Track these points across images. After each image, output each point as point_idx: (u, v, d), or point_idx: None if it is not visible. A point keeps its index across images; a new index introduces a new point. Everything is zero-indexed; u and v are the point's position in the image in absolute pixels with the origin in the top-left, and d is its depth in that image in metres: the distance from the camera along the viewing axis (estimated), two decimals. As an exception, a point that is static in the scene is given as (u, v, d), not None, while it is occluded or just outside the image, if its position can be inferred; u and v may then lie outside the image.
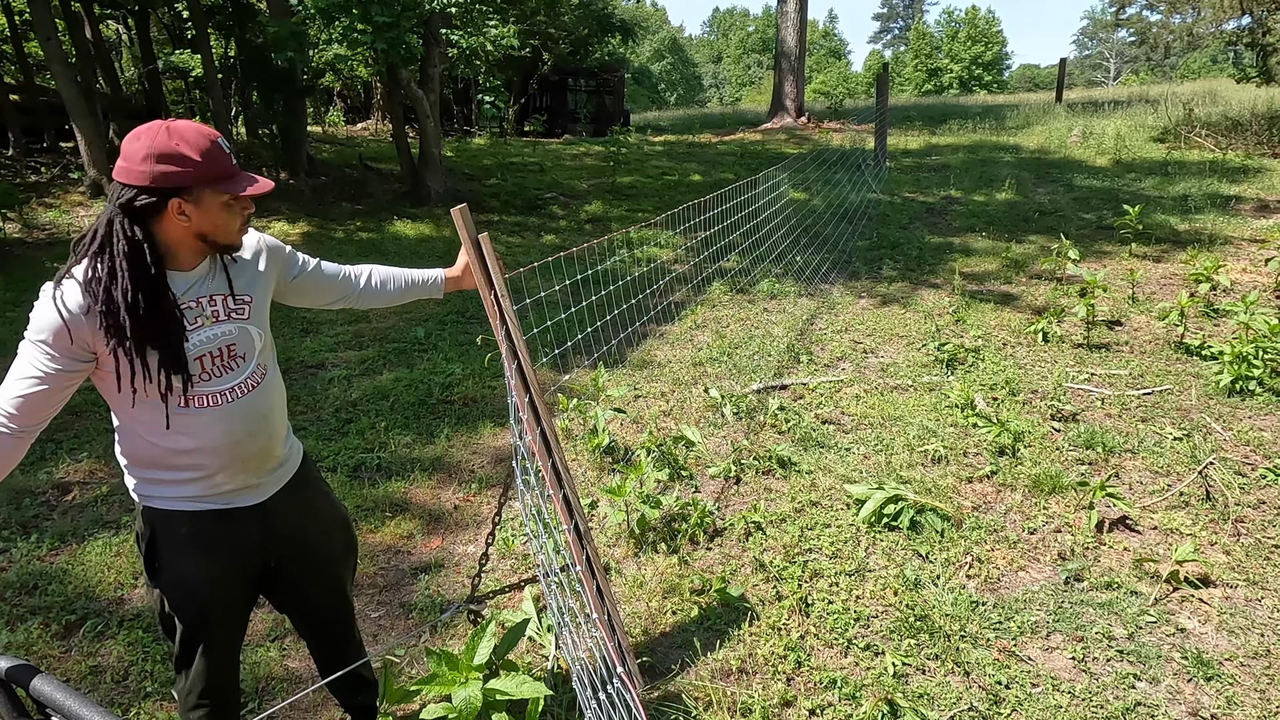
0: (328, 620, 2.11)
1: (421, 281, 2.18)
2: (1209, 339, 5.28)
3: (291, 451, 1.94)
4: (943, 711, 2.48)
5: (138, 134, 1.53)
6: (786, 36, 20.58)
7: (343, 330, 6.44)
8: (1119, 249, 7.89)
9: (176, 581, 1.77)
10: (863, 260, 8.15)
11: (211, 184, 1.56)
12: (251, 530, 1.82)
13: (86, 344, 1.54)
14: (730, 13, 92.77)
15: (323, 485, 2.07)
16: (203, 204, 1.57)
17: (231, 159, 1.59)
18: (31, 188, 10.60)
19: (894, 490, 3.52)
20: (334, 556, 2.07)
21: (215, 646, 1.86)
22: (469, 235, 2.01)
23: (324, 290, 2.04)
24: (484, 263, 2.05)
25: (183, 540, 1.74)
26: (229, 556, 1.80)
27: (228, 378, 1.70)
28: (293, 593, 2.01)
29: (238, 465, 1.74)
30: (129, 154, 1.52)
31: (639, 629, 2.88)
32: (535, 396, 2.14)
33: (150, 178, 1.50)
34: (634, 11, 54.10)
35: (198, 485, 1.72)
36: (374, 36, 9.38)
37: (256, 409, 1.76)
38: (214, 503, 1.75)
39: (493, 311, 2.07)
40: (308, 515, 1.96)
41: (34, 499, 3.87)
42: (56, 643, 2.88)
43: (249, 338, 1.75)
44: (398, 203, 11.93)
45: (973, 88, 64.82)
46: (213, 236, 1.62)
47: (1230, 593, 2.99)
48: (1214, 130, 13.99)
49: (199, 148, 1.53)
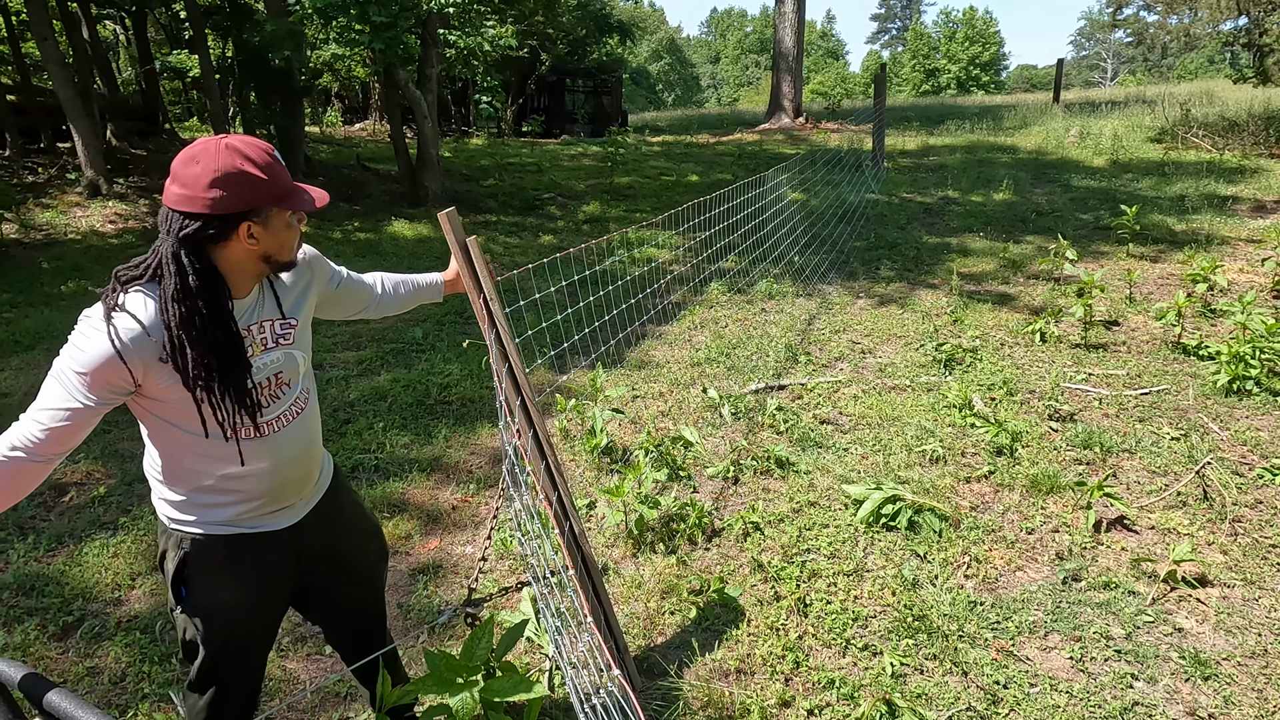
0: (365, 629, 2.10)
1: (424, 285, 2.19)
2: (1206, 339, 5.29)
3: (325, 469, 1.91)
4: (941, 711, 2.48)
5: (194, 156, 1.41)
6: (784, 37, 20.59)
7: (340, 331, 6.43)
8: (1116, 249, 7.90)
9: (205, 610, 1.69)
10: (860, 261, 8.16)
11: (279, 202, 1.48)
12: (285, 551, 1.77)
13: (132, 380, 1.44)
14: (728, 13, 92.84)
15: (353, 496, 2.05)
16: (271, 224, 1.49)
17: (286, 171, 1.52)
18: (28, 188, 10.58)
19: (892, 490, 3.52)
20: (369, 566, 2.05)
21: (241, 668, 1.80)
22: (457, 239, 2.01)
23: (355, 299, 2.00)
24: (473, 266, 2.05)
25: (216, 566, 1.67)
26: (261, 582, 1.74)
27: (275, 406, 1.65)
28: (328, 606, 1.99)
29: (280, 490, 1.70)
30: (188, 179, 1.40)
31: (637, 630, 2.88)
32: (527, 399, 2.14)
33: (218, 204, 1.40)
34: (632, 12, 54.16)
35: (235, 509, 1.66)
36: (371, 37, 9.38)
37: (305, 434, 1.73)
38: (248, 526, 1.69)
39: (482, 315, 2.07)
40: (340, 530, 1.92)
41: (31, 500, 3.86)
42: (54, 644, 2.87)
43: (294, 363, 1.69)
44: (395, 203, 11.93)
45: (970, 88, 64.91)
46: (276, 256, 1.55)
47: (1228, 592, 2.99)
48: (1211, 131, 14.01)
49: (263, 164, 1.44)
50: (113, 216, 10.10)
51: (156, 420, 1.55)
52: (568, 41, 25.12)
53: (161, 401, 1.51)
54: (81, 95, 10.62)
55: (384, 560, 2.12)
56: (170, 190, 1.43)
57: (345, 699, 2.62)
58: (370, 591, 2.08)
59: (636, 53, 58.41)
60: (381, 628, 2.17)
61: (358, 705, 2.58)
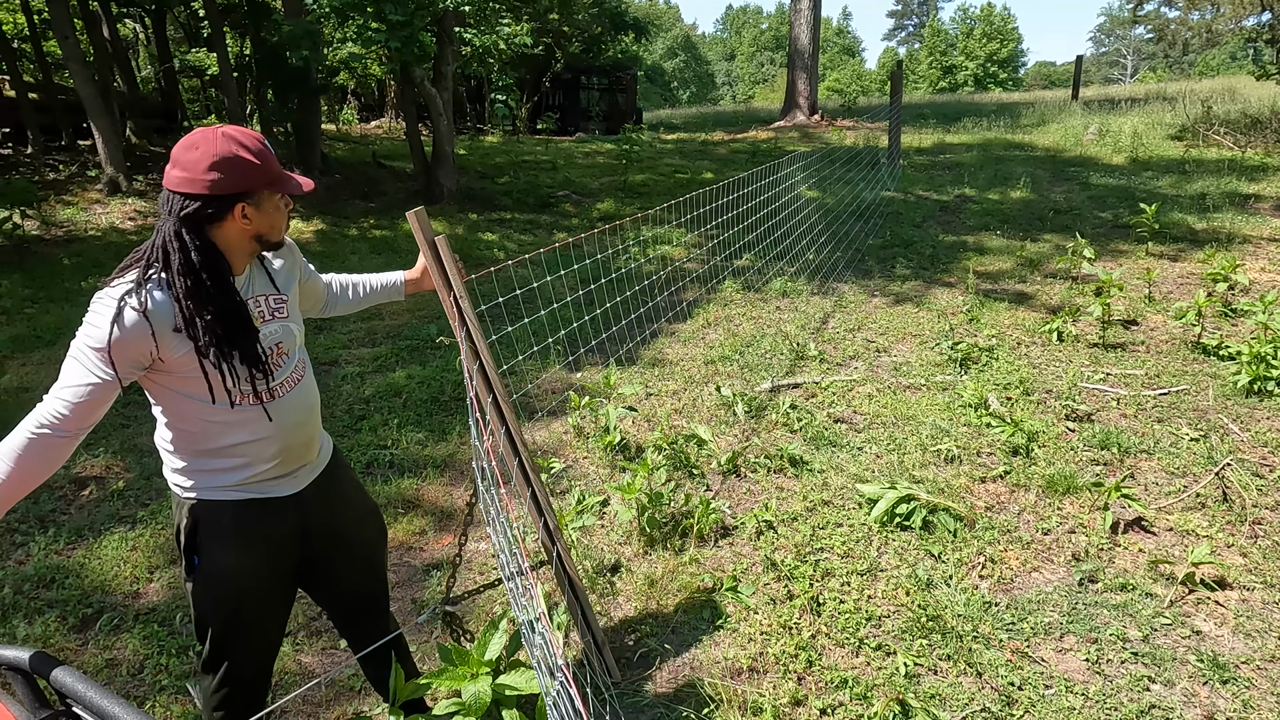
0: (366, 607, 2.15)
1: (382, 286, 2.24)
2: (1226, 339, 5.22)
3: (325, 442, 2.01)
4: (955, 712, 2.47)
5: (193, 143, 1.55)
6: (800, 34, 20.50)
7: (355, 327, 6.47)
8: (1135, 248, 7.82)
9: (215, 574, 1.78)
10: (876, 259, 8.12)
11: (271, 185, 1.61)
12: (289, 519, 1.85)
13: (149, 354, 1.56)
14: (743, 10, 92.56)
15: (351, 474, 2.12)
16: (263, 206, 1.63)
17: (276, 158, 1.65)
18: (49, 185, 10.70)
19: (906, 490, 3.50)
20: (369, 542, 2.12)
21: (249, 646, 1.87)
22: (425, 238, 2.04)
23: (314, 295, 2.10)
24: (441, 265, 2.06)
25: (225, 531, 1.76)
26: (267, 548, 1.82)
27: (277, 374, 1.76)
28: (331, 582, 2.05)
29: (287, 453, 1.80)
30: (187, 164, 1.54)
31: (649, 626, 2.88)
32: (499, 396, 2.15)
33: (216, 185, 1.54)
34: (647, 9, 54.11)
35: (241, 473, 1.75)
36: (387, 35, 9.42)
37: (304, 401, 1.84)
38: (254, 491, 1.78)
39: (452, 313, 2.08)
40: (341, 504, 2.00)
41: (51, 494, 3.91)
42: (73, 636, 2.91)
43: (291, 335, 1.82)
44: (411, 201, 11.97)
45: (988, 85, 64.38)
46: (266, 236, 1.68)
47: (1247, 595, 2.96)
48: (1232, 128, 13.83)
49: (256, 151, 1.58)
50: (132, 213, 10.19)
51: (170, 393, 1.66)
52: (583, 39, 25.10)
53: (176, 374, 1.61)
54: (102, 93, 10.73)
55: (383, 538, 2.19)
56: (171, 174, 1.56)
57: (359, 692, 2.64)
58: (370, 568, 2.13)
59: (651, 50, 58.35)
60: (383, 609, 2.20)
61: (372, 699, 2.60)
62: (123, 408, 4.81)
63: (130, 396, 1.73)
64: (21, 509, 3.76)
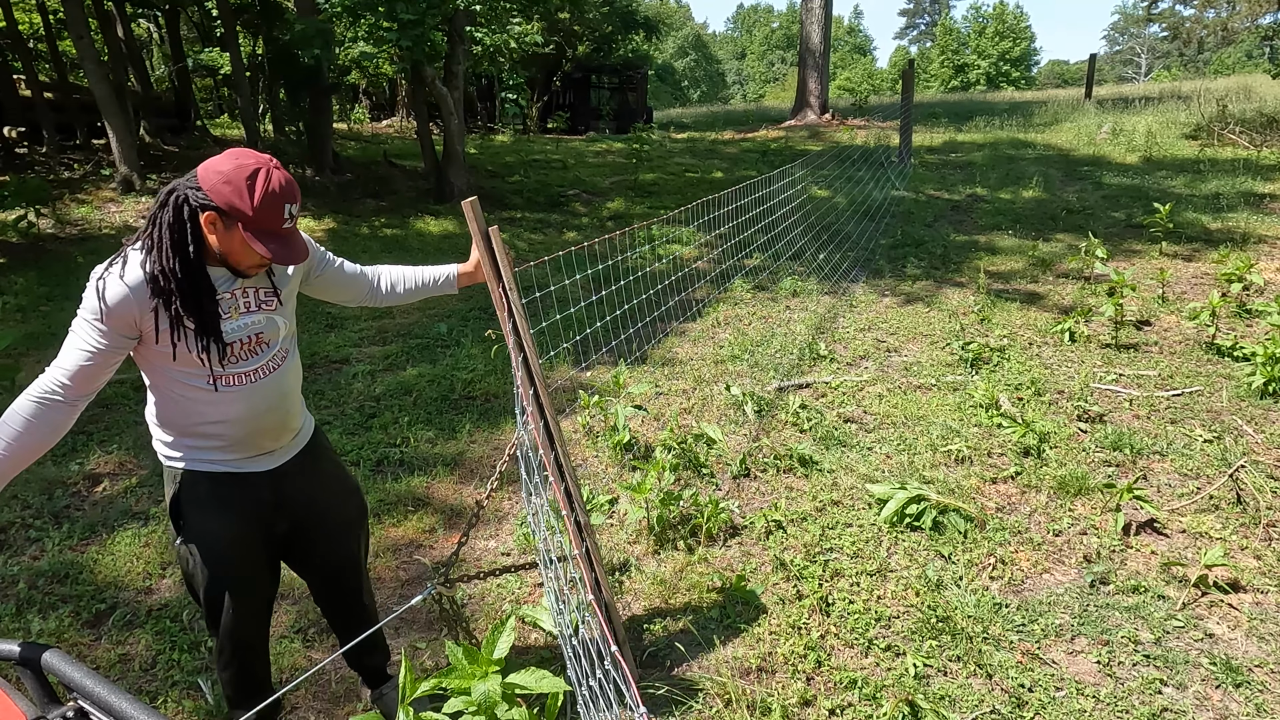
0: (342, 584, 2.27)
1: (434, 280, 2.26)
2: (1241, 340, 5.18)
3: (305, 425, 2.12)
4: (964, 714, 2.46)
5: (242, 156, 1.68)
6: (811, 33, 20.45)
7: (366, 326, 6.50)
8: (1148, 248, 7.77)
9: (198, 535, 1.94)
10: (886, 258, 8.09)
11: (242, 224, 1.68)
12: (263, 493, 1.99)
13: (133, 323, 1.70)
14: (754, 9, 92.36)
15: (333, 455, 2.26)
16: (230, 233, 1.71)
17: (285, 222, 1.72)
18: (64, 184, 10.78)
19: (916, 490, 3.49)
20: (347, 520, 2.23)
21: (237, 599, 2.02)
22: (479, 228, 2.05)
23: (343, 288, 2.18)
24: (493, 255, 2.07)
25: (203, 498, 1.93)
26: (243, 515, 1.97)
27: (253, 360, 1.88)
28: (308, 555, 2.19)
29: (256, 435, 1.93)
30: (219, 163, 1.68)
31: (659, 626, 2.88)
32: (540, 389, 2.17)
33: (214, 190, 1.67)
34: (657, 8, 53.99)
35: (218, 451, 1.91)
36: (399, 34, 9.46)
37: (278, 388, 1.94)
38: (230, 465, 1.93)
39: (500, 304, 2.10)
40: (319, 482, 2.13)
41: (65, 490, 3.95)
42: (86, 631, 2.93)
43: (275, 326, 1.92)
44: (421, 199, 12.01)
45: (1000, 84, 63.93)
46: (227, 258, 1.76)
47: (1260, 598, 2.94)
48: (1248, 127, 13.71)
49: (263, 199, 1.66)
50: (145, 211, 10.25)
51: (154, 369, 1.81)
52: (593, 38, 25.13)
53: (158, 349, 1.74)
54: (116, 92, 10.80)
55: (363, 517, 2.30)
56: (208, 161, 1.71)
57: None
58: (347, 545, 2.24)
59: (662, 49, 58.27)
60: (361, 587, 2.32)
61: (381, 696, 2.60)
62: (136, 405, 4.84)
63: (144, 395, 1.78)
64: (36, 505, 3.79)
